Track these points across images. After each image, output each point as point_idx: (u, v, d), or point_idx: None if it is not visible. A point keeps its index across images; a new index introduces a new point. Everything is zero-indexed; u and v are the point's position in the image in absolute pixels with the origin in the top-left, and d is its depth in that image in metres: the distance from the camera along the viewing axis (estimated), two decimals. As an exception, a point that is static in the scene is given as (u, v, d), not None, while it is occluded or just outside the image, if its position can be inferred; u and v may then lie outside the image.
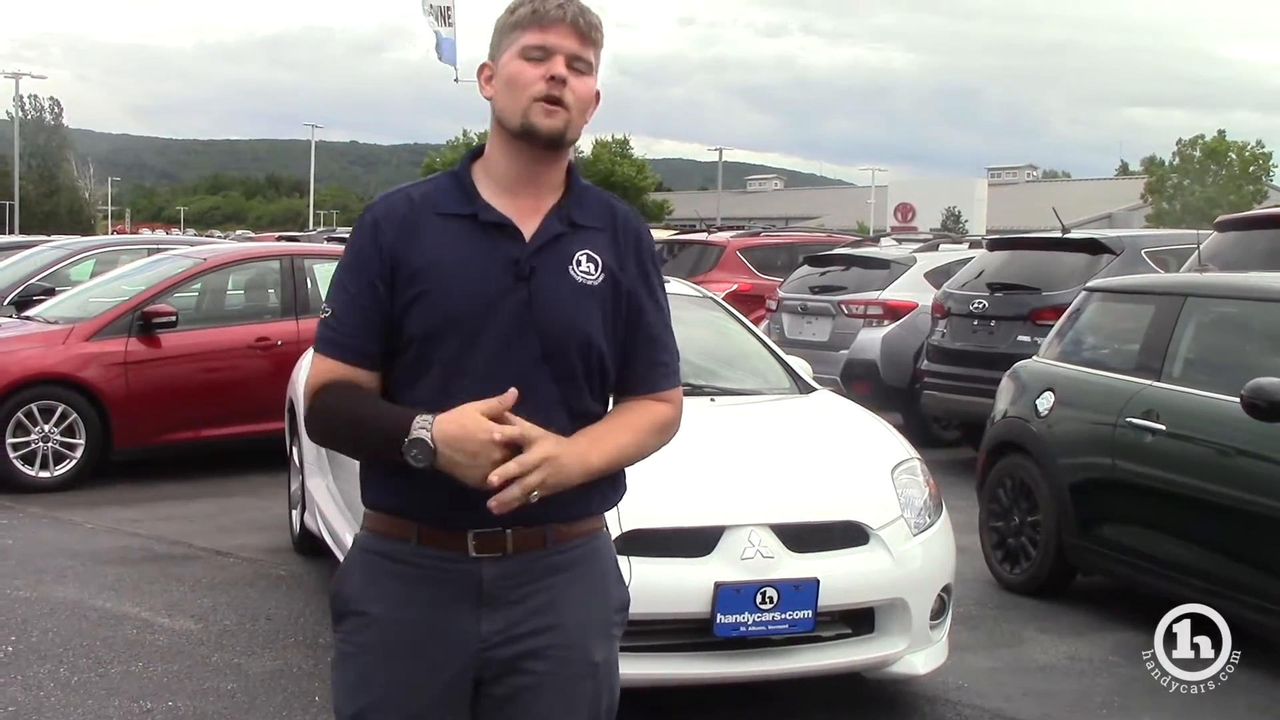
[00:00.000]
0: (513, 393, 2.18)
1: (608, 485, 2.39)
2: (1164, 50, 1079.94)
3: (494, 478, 2.14)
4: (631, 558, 4.39)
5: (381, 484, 2.32)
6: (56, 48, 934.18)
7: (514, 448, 2.16)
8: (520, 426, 2.18)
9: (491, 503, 2.16)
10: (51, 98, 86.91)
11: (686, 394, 5.52)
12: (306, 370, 2.44)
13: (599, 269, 2.34)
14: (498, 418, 2.17)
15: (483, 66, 2.40)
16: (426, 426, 2.16)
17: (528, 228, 2.32)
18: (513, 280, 2.28)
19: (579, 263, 2.33)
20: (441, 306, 2.27)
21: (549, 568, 2.33)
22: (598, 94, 2.37)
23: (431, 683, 2.30)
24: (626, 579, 2.50)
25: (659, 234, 18.09)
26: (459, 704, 2.33)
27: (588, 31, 2.31)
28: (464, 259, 2.28)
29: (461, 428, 2.15)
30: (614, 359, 2.38)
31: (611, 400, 2.44)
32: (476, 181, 2.36)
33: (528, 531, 2.29)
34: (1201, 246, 7.73)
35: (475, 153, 2.42)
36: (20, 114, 64.16)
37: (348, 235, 2.46)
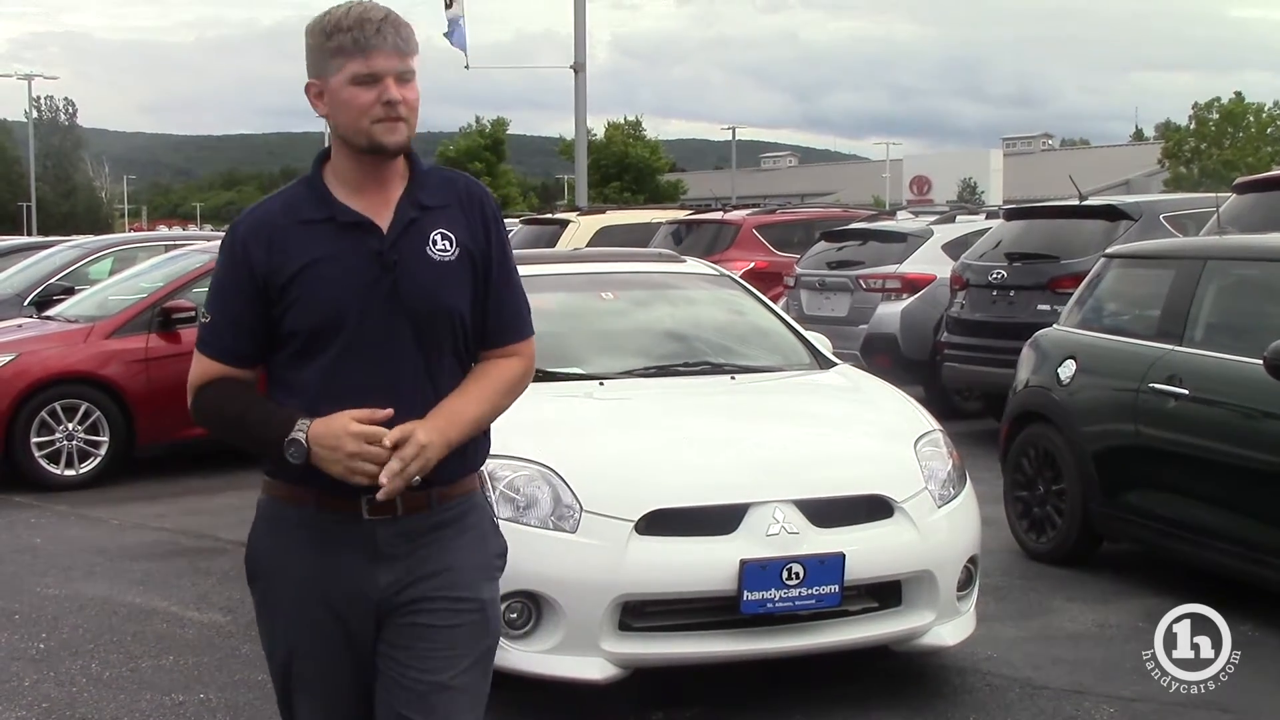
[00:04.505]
0: (388, 411, 2.43)
1: (477, 447, 2.65)
2: (1172, 13, 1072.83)
3: (383, 478, 2.41)
4: (656, 537, 4.41)
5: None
6: (55, 47, 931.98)
7: (374, 442, 2.40)
8: (394, 430, 2.42)
9: (380, 495, 2.43)
10: (65, 98, 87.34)
11: (706, 373, 5.68)
12: None
13: (454, 245, 2.55)
14: (366, 422, 2.42)
15: (309, 85, 2.55)
16: (304, 429, 2.43)
17: (383, 220, 2.52)
18: (379, 271, 2.50)
19: (434, 242, 2.54)
20: (317, 306, 2.49)
21: (435, 524, 2.59)
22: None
23: (340, 628, 2.59)
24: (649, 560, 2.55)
25: (672, 214, 18.05)
26: (364, 643, 2.60)
27: (405, 47, 2.50)
28: (330, 259, 2.50)
29: (329, 429, 2.41)
30: (476, 324, 2.60)
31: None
32: (329, 184, 2.56)
33: (415, 495, 2.53)
34: (1221, 209, 7.68)
35: (324, 155, 2.60)
36: (35, 115, 64.26)
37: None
